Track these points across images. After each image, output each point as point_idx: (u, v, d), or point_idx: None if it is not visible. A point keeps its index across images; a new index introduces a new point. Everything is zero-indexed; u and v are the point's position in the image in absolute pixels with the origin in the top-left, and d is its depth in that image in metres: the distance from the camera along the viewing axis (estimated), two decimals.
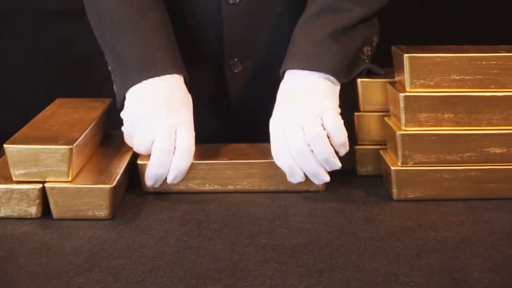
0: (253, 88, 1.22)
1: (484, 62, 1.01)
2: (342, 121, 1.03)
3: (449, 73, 1.01)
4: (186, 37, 1.19)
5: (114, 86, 1.12)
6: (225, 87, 1.23)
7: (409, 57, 1.02)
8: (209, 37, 1.21)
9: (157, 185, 1.05)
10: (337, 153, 1.03)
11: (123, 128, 1.07)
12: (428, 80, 1.02)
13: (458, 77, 1.02)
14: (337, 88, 1.07)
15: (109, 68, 1.14)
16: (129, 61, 1.08)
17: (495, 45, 1.08)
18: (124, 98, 1.08)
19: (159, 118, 1.03)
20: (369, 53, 1.15)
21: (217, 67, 1.22)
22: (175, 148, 1.03)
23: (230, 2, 1.17)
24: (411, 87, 1.02)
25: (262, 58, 1.21)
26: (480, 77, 1.02)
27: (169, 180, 1.04)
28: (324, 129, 1.02)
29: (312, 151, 1.01)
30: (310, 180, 1.04)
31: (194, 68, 1.15)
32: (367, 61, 1.14)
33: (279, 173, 1.05)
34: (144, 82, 1.07)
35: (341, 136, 1.03)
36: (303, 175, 1.03)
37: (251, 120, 1.24)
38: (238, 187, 1.06)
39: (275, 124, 1.04)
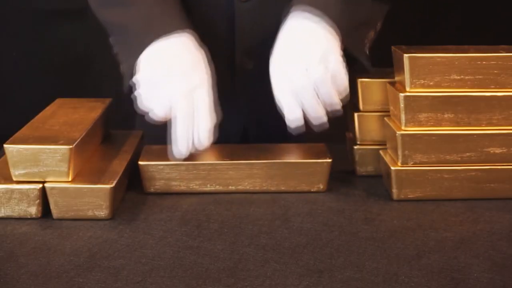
0: (264, 85, 1.22)
1: (484, 62, 1.01)
2: (344, 65, 1.03)
3: (449, 73, 1.01)
4: (197, 34, 1.19)
5: (121, 66, 1.10)
6: (235, 84, 1.23)
7: (409, 57, 1.02)
8: (220, 35, 1.21)
9: (185, 153, 1.03)
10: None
11: (137, 94, 1.04)
12: (428, 80, 1.02)
13: (458, 77, 1.02)
14: (338, 39, 1.06)
15: (115, 48, 1.12)
16: (136, 28, 1.07)
17: (495, 45, 1.08)
18: (134, 68, 1.06)
19: (175, 81, 1.02)
20: (372, 37, 1.15)
21: (228, 64, 1.22)
22: (196, 110, 1.02)
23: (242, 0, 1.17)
24: (411, 87, 1.02)
25: None
26: (480, 77, 1.02)
27: (199, 145, 1.02)
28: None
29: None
30: (311, 177, 1.04)
31: None
32: (367, 49, 1.13)
33: (280, 173, 1.05)
34: (154, 45, 1.05)
35: (343, 79, 1.02)
36: (301, 113, 1.02)
37: (260, 118, 1.24)
38: (240, 187, 1.06)
39: (277, 64, 1.03)
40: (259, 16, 1.18)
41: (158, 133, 1.07)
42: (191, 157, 1.06)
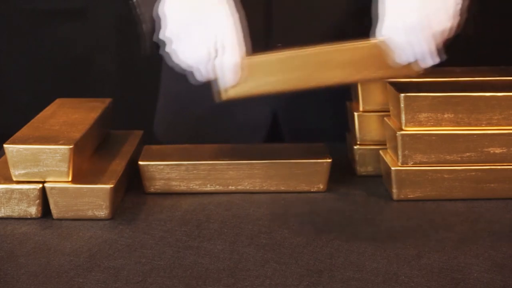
0: None
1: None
2: None
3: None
4: None
5: (143, 26, 1.07)
6: None
7: None
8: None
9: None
10: None
11: (169, 50, 1.01)
12: None
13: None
14: None
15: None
16: None
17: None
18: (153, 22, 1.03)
19: (196, 28, 0.98)
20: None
21: (261, 46, 1.21)
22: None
23: None
24: None
25: None
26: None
27: (224, 83, 0.99)
28: None
29: None
30: (311, 177, 1.04)
31: None
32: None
33: (280, 173, 1.05)
34: None
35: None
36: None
37: (290, 102, 1.23)
38: (239, 187, 1.06)
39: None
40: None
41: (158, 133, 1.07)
42: (191, 156, 1.06)
